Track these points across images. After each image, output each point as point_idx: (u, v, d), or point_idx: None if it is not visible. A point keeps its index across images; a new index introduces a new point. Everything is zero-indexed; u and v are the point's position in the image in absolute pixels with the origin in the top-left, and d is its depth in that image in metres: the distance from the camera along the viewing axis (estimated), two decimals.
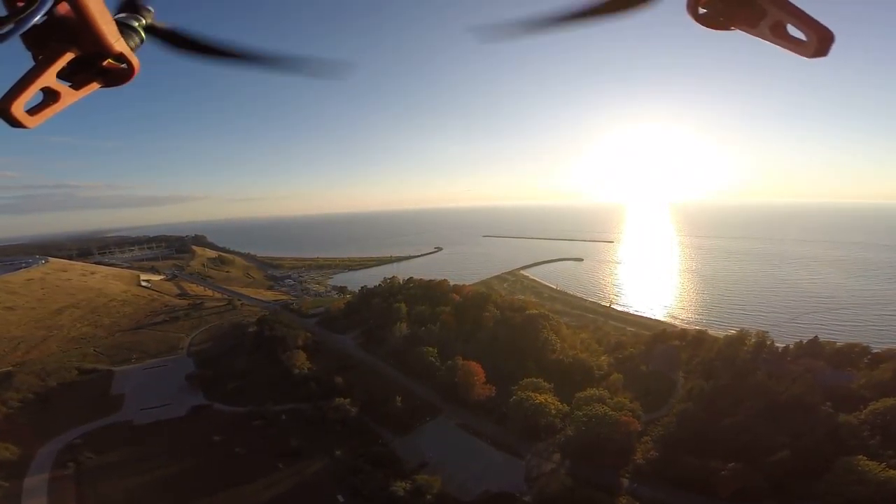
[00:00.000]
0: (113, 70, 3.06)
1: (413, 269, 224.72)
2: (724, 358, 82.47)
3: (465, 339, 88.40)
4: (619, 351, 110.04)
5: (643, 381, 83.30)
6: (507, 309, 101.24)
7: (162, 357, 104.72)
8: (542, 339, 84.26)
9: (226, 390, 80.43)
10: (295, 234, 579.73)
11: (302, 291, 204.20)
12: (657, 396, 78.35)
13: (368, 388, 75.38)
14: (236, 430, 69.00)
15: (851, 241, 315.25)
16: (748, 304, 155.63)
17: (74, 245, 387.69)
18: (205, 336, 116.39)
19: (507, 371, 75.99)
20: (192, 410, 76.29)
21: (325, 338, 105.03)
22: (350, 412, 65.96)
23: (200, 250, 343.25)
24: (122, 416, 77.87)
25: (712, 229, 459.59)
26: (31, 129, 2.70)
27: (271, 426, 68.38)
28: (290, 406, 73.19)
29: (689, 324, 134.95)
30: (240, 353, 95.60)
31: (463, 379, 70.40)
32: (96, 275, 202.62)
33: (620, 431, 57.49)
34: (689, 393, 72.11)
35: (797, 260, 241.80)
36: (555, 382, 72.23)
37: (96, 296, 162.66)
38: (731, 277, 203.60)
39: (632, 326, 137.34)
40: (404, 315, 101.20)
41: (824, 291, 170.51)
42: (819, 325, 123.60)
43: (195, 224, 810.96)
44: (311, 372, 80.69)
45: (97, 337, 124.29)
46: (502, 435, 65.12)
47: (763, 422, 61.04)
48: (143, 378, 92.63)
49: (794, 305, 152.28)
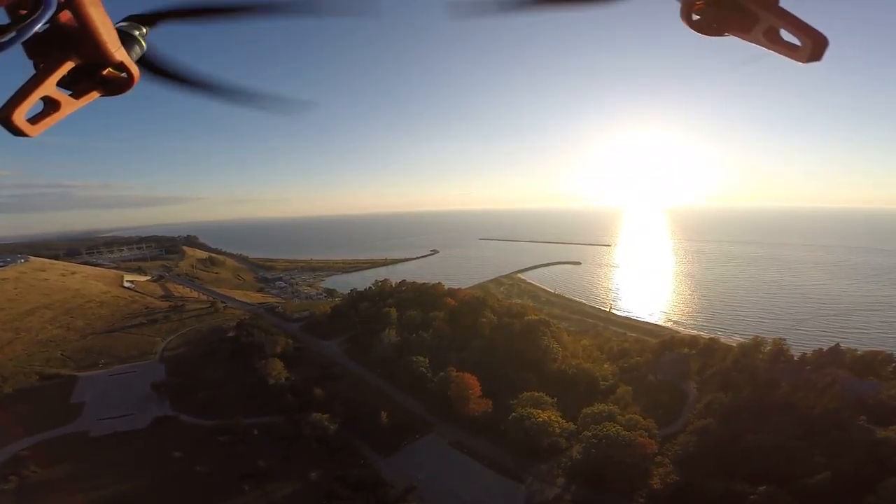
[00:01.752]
0: (113, 79, 3.01)
1: (408, 272, 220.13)
2: (742, 368, 75.99)
3: (460, 348, 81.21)
4: (623, 359, 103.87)
5: (652, 392, 76.85)
6: (505, 314, 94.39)
7: (132, 362, 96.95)
8: (542, 348, 77.45)
9: (194, 400, 72.88)
10: (289, 236, 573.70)
11: (293, 294, 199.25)
12: (668, 410, 71.92)
13: (352, 400, 67.95)
14: (200, 445, 61.60)
15: (850, 246, 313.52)
16: (751, 309, 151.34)
17: (66, 245, 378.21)
18: (181, 340, 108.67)
19: (505, 382, 69.06)
20: (155, 422, 68.90)
21: (308, 344, 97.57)
22: (328, 429, 58.48)
23: (191, 251, 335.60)
24: (78, 426, 70.44)
25: (709, 233, 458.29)
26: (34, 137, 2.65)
27: (240, 442, 60.84)
28: (264, 420, 65.73)
29: (691, 329, 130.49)
30: (215, 360, 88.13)
31: (456, 392, 63.33)
32: (77, 275, 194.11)
33: (635, 454, 50.67)
34: (708, 407, 65.32)
35: (798, 264, 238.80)
36: (557, 395, 65.50)
37: (72, 296, 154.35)
38: (731, 282, 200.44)
39: (633, 332, 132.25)
40: (394, 321, 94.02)
41: (828, 296, 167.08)
42: (825, 332, 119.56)
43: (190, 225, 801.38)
44: (289, 382, 73.12)
45: (67, 340, 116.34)
46: (500, 455, 58.07)
47: (794, 439, 54.53)
48: (107, 385, 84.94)
49: (798, 310, 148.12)
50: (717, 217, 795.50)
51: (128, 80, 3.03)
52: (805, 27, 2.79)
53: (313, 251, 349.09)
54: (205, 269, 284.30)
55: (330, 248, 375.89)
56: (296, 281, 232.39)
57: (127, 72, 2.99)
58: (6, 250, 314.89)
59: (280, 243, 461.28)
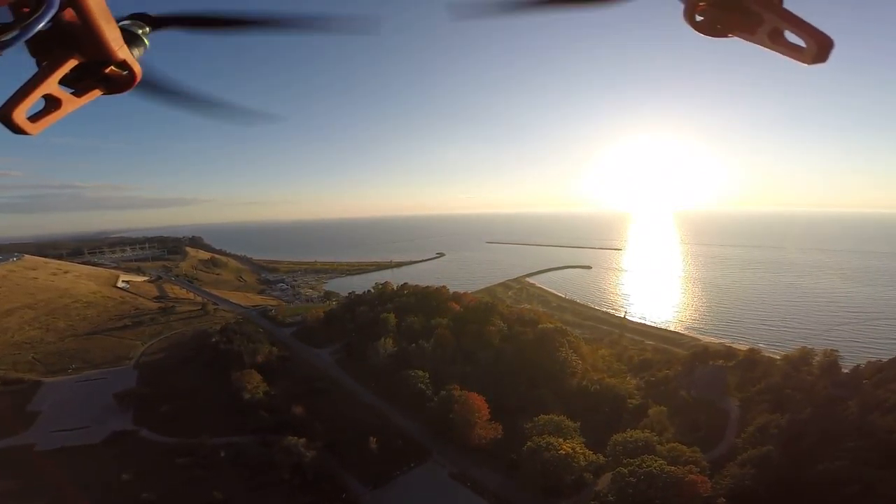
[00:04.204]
0: (115, 77, 2.99)
1: (413, 274, 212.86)
2: (796, 384, 65.04)
3: (465, 360, 71.06)
4: (646, 371, 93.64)
5: (687, 411, 66.53)
6: (516, 322, 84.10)
7: (105, 368, 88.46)
8: (560, 360, 67.19)
9: (159, 414, 63.71)
10: (296, 238, 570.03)
11: (294, 296, 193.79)
12: (709, 432, 61.57)
13: (338, 420, 58.19)
14: (155, 467, 52.43)
15: (867, 251, 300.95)
16: (771, 316, 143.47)
17: (74, 245, 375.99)
18: (162, 345, 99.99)
19: (517, 401, 58.94)
20: (111, 437, 60.24)
21: (298, 352, 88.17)
22: (304, 456, 48.63)
23: (193, 252, 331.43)
24: (26, 438, 62.33)
25: (720, 237, 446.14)
26: (34, 135, 2.64)
27: (200, 466, 51.38)
28: (234, 440, 56.19)
29: (711, 337, 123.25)
30: (192, 368, 79.10)
31: (461, 415, 53.13)
32: (69, 274, 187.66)
33: (683, 495, 40.32)
34: (763, 431, 54.43)
35: (817, 269, 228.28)
36: (578, 416, 55.36)
37: (59, 296, 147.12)
38: (749, 287, 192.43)
39: (651, 339, 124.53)
40: (392, 328, 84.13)
41: (853, 302, 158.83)
42: (854, 340, 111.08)
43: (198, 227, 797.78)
44: (267, 397, 63.47)
45: (44, 342, 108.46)
46: (511, 491, 47.99)
47: (871, 468, 43.94)
48: (70, 393, 76.52)
49: (823, 318, 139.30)
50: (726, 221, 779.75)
51: (130, 78, 3.00)
52: (809, 28, 2.71)
53: (319, 253, 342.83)
54: (206, 269, 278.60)
55: (336, 251, 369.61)
56: (298, 283, 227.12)
57: (129, 70, 2.96)
58: (13, 249, 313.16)
59: (286, 245, 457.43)
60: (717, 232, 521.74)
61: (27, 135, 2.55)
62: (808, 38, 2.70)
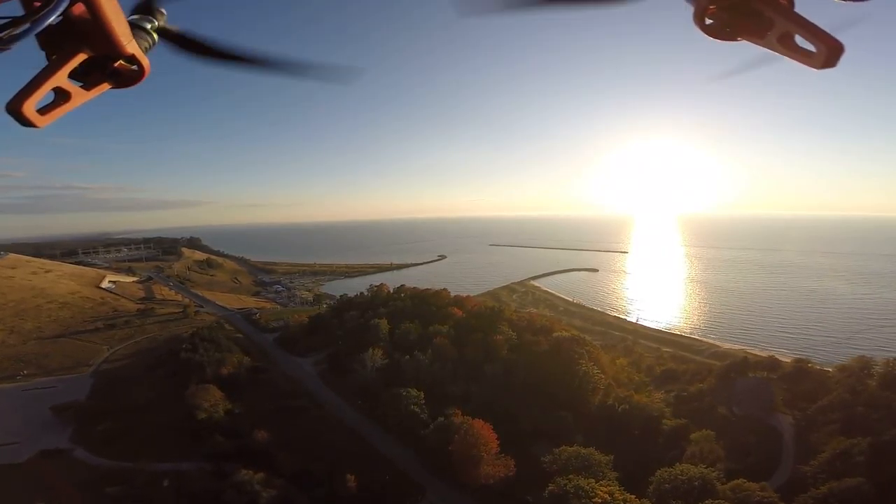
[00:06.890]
0: (124, 71, 3.01)
1: (414, 277, 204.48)
2: (869, 400, 53.95)
3: (468, 374, 60.50)
4: (671, 383, 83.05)
5: (732, 433, 56.09)
6: (527, 329, 73.32)
7: (60, 375, 78.34)
8: (579, 374, 56.34)
9: (101, 432, 53.31)
10: (297, 240, 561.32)
11: (289, 298, 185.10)
12: (764, 457, 50.90)
13: (312, 447, 47.52)
14: (79, 497, 41.96)
15: (879, 253, 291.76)
16: (790, 322, 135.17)
17: (73, 246, 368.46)
18: (129, 350, 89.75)
19: (531, 425, 48.22)
20: (38, 456, 50.04)
21: (278, 361, 77.68)
22: (259, 495, 37.96)
23: (189, 252, 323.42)
24: None
25: (726, 240, 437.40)
26: (41, 128, 2.66)
27: (134, 498, 40.86)
28: (182, 467, 45.65)
29: (730, 343, 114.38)
30: (153, 378, 68.62)
31: (464, 448, 42.11)
32: (50, 273, 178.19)
33: None
34: (845, 457, 43.29)
35: (833, 273, 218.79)
36: (604, 442, 44.84)
37: (33, 296, 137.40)
38: (763, 290, 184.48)
39: (668, 347, 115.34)
40: (384, 336, 73.36)
41: (873, 307, 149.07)
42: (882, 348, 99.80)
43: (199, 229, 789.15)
44: (229, 416, 52.77)
45: (4, 345, 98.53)
46: None
47: None
48: (12, 402, 66.37)
49: (844, 323, 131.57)
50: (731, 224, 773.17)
51: (139, 72, 3.00)
52: (820, 33, 2.66)
53: (320, 255, 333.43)
54: (200, 271, 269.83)
55: (337, 253, 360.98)
56: (294, 285, 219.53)
57: (138, 64, 2.95)
58: (13, 250, 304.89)
59: (286, 247, 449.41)
60: (724, 235, 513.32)
61: (35, 127, 2.52)
62: (819, 42, 2.63)
